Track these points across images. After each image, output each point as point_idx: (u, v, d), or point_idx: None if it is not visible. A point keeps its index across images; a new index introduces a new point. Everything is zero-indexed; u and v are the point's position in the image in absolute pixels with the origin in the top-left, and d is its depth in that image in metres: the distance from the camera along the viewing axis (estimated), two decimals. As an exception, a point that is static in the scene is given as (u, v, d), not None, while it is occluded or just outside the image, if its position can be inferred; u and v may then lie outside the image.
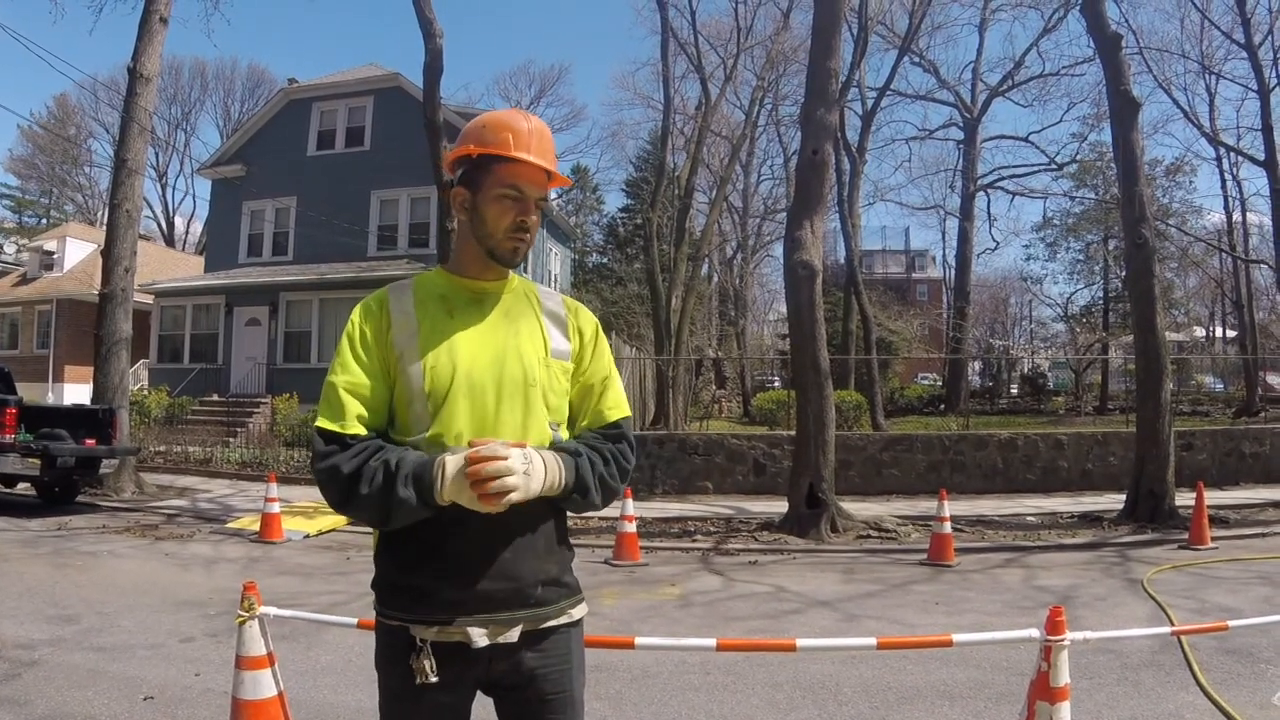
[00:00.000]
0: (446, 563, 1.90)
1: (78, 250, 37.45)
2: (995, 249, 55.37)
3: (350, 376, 1.95)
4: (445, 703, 1.94)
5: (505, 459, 1.76)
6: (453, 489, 1.79)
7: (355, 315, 2.03)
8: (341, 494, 1.88)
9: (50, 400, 29.43)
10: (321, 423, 1.93)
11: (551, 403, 2.03)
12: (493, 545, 1.91)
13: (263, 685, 3.70)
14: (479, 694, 2.03)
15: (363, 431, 1.92)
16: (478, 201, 2.02)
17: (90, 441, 13.43)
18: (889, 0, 32.73)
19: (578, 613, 2.10)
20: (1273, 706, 4.97)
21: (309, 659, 5.78)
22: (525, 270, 32.12)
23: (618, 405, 2.17)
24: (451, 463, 1.80)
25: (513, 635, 1.93)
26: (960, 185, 39.32)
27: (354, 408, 1.93)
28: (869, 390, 26.42)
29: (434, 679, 1.87)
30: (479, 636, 1.89)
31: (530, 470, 1.83)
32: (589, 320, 2.19)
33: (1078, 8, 19.99)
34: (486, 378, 1.96)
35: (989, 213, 40.99)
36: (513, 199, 2.01)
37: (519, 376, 1.98)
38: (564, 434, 2.08)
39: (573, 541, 2.17)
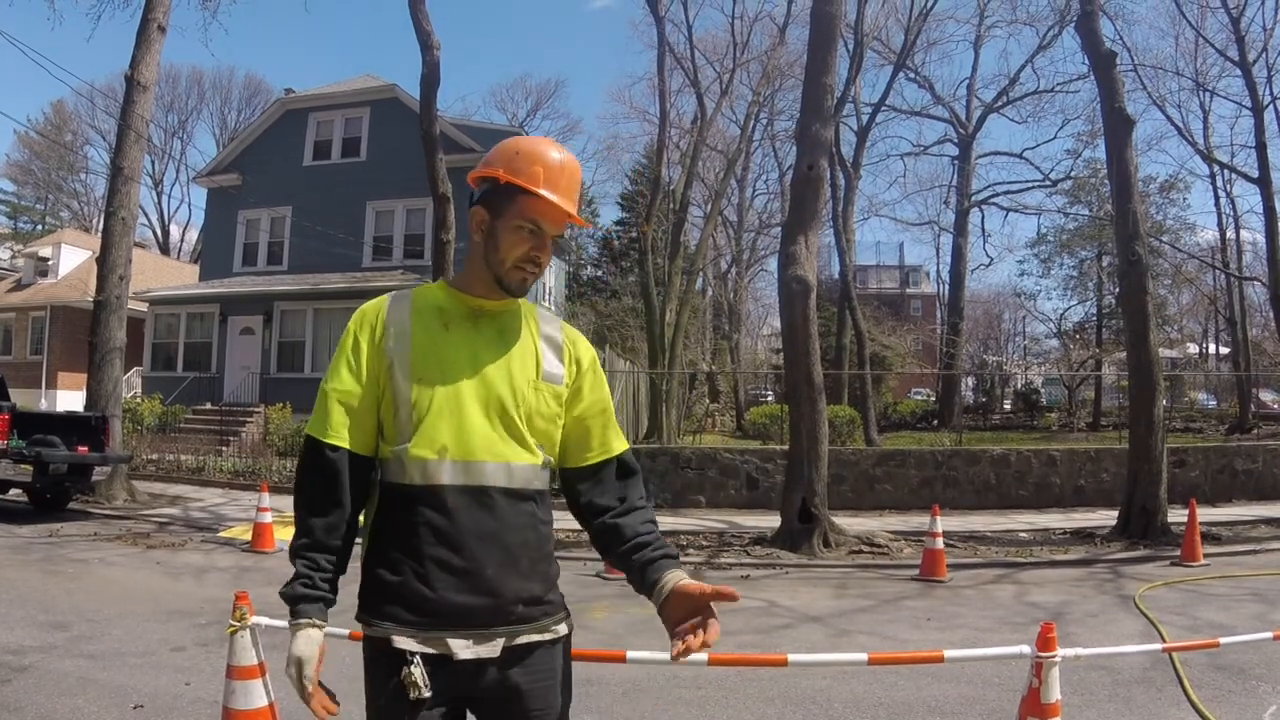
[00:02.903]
0: (429, 573, 1.89)
1: (73, 257, 37.45)
2: (989, 265, 55.68)
3: (341, 384, 1.98)
4: (426, 713, 1.92)
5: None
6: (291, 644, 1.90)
7: (352, 322, 2.04)
8: (298, 501, 2.00)
9: (43, 406, 29.31)
10: (309, 428, 1.99)
11: (538, 426, 2.02)
12: (476, 560, 1.90)
13: (254, 695, 3.70)
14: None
15: (343, 442, 1.95)
16: (495, 227, 2.03)
17: (83, 448, 13.38)
18: (885, 17, 32.95)
19: (562, 629, 2.08)
20: (1263, 724, 4.98)
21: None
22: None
23: (619, 435, 2.20)
24: (296, 663, 1.91)
25: (494, 649, 1.92)
26: (954, 201, 39.42)
27: (339, 417, 1.96)
28: (862, 405, 26.42)
29: (427, 693, 1.86)
30: (460, 648, 1.88)
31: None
32: (587, 349, 2.19)
33: (1072, 25, 20.11)
34: (473, 395, 1.95)
35: (983, 229, 41.26)
36: (530, 233, 2.01)
37: (508, 397, 1.98)
38: (554, 457, 2.08)
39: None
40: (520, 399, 1.99)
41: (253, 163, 29.77)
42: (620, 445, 2.19)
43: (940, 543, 10.10)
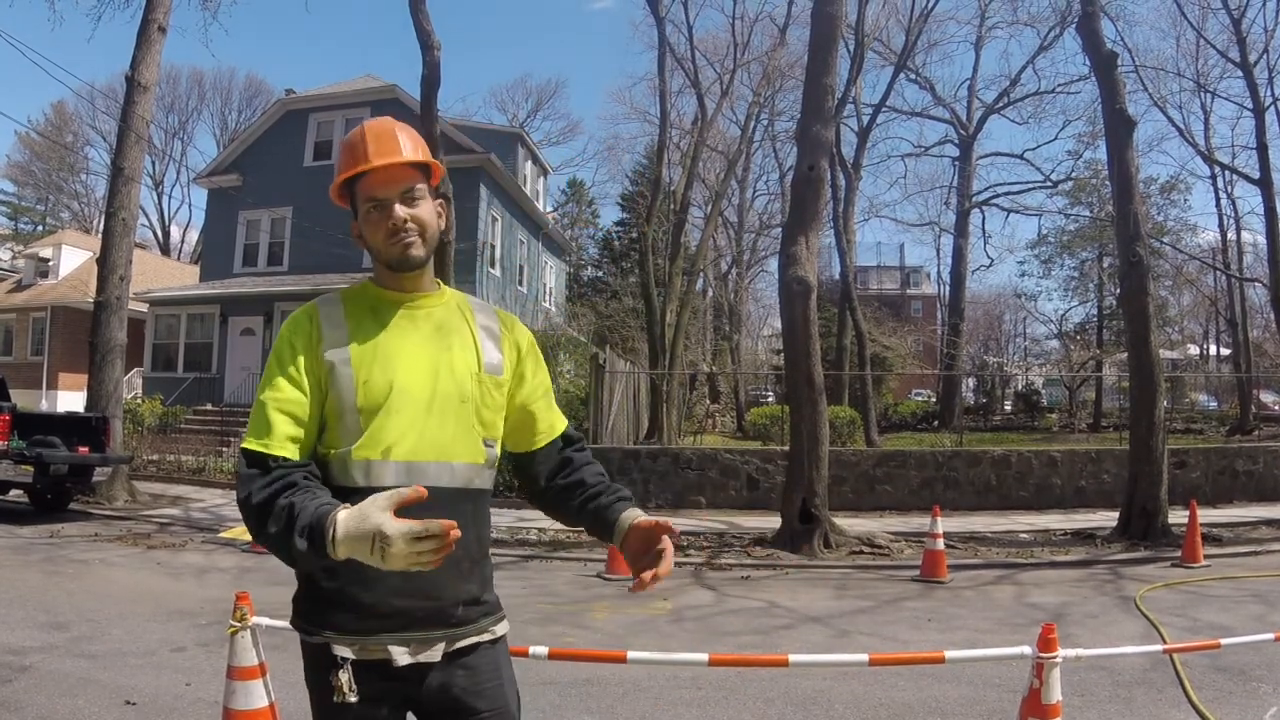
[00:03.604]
0: (367, 577, 1.78)
1: (73, 258, 37.45)
2: (990, 266, 55.33)
3: (279, 393, 1.89)
4: (371, 718, 1.90)
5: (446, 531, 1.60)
6: (350, 548, 1.65)
7: (284, 329, 1.99)
8: (254, 527, 1.81)
9: (44, 407, 29.29)
10: (246, 443, 1.87)
11: (485, 418, 2.02)
12: None
13: (254, 695, 3.70)
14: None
15: (289, 452, 1.85)
16: (360, 225, 2.04)
17: (83, 449, 13.40)
18: (886, 17, 32.97)
19: (500, 629, 2.06)
20: (1264, 725, 4.98)
21: (300, 669, 5.75)
22: (521, 283, 32.19)
23: (559, 413, 2.24)
24: (353, 518, 1.64)
25: (435, 654, 1.91)
26: (955, 202, 39.44)
27: (282, 427, 1.86)
28: (863, 406, 26.40)
29: (353, 698, 1.84)
30: (400, 655, 1.87)
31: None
32: (524, 333, 2.19)
33: (1074, 26, 20.09)
34: (419, 393, 1.93)
35: (984, 229, 41.28)
36: (375, 209, 1.99)
37: (452, 392, 1.96)
38: (498, 450, 2.07)
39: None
40: (466, 394, 1.98)
41: (253, 163, 29.77)
42: (563, 423, 2.23)
43: (941, 544, 10.10)
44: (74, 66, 38.18)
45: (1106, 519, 13.76)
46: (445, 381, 1.97)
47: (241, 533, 11.90)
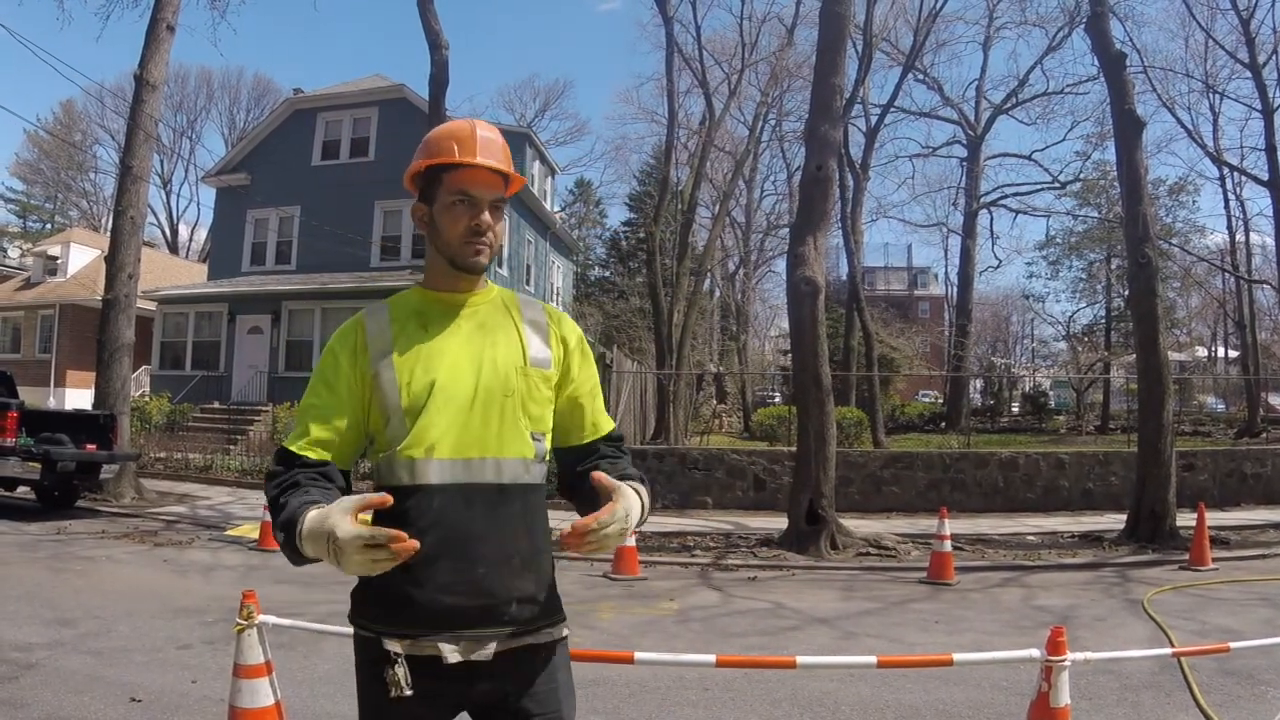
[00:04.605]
0: (418, 575, 1.83)
1: (81, 256, 37.54)
2: (997, 267, 55.27)
3: (317, 400, 1.98)
4: (421, 717, 1.89)
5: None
6: (313, 546, 1.71)
7: (333, 341, 2.03)
8: (273, 523, 1.88)
9: (51, 405, 29.38)
10: (282, 443, 1.98)
11: (533, 412, 2.01)
12: (465, 560, 1.87)
13: (260, 694, 3.70)
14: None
15: (313, 454, 1.93)
16: (434, 214, 2.03)
17: (91, 446, 13.43)
18: (894, 18, 32.89)
19: (558, 633, 2.03)
20: (1273, 729, 4.95)
21: (306, 668, 5.76)
22: (528, 283, 32.17)
23: (606, 414, 2.21)
24: (316, 518, 1.70)
25: (486, 653, 1.89)
26: (963, 203, 39.36)
27: (314, 431, 1.94)
28: (870, 407, 26.39)
29: (408, 692, 1.83)
30: (450, 652, 1.86)
31: (627, 525, 1.84)
32: (572, 329, 2.18)
33: (1082, 26, 20.05)
34: (463, 389, 1.94)
35: (991, 230, 40.97)
36: (463, 204, 1.99)
37: (496, 387, 1.96)
38: (547, 444, 2.06)
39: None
40: (509, 389, 1.98)
41: (261, 162, 29.81)
42: (608, 424, 2.20)
43: (948, 545, 10.07)
44: (83, 65, 38.24)
45: (1114, 521, 13.72)
46: (489, 376, 1.97)
47: (248, 531, 11.92)
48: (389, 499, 1.71)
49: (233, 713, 3.71)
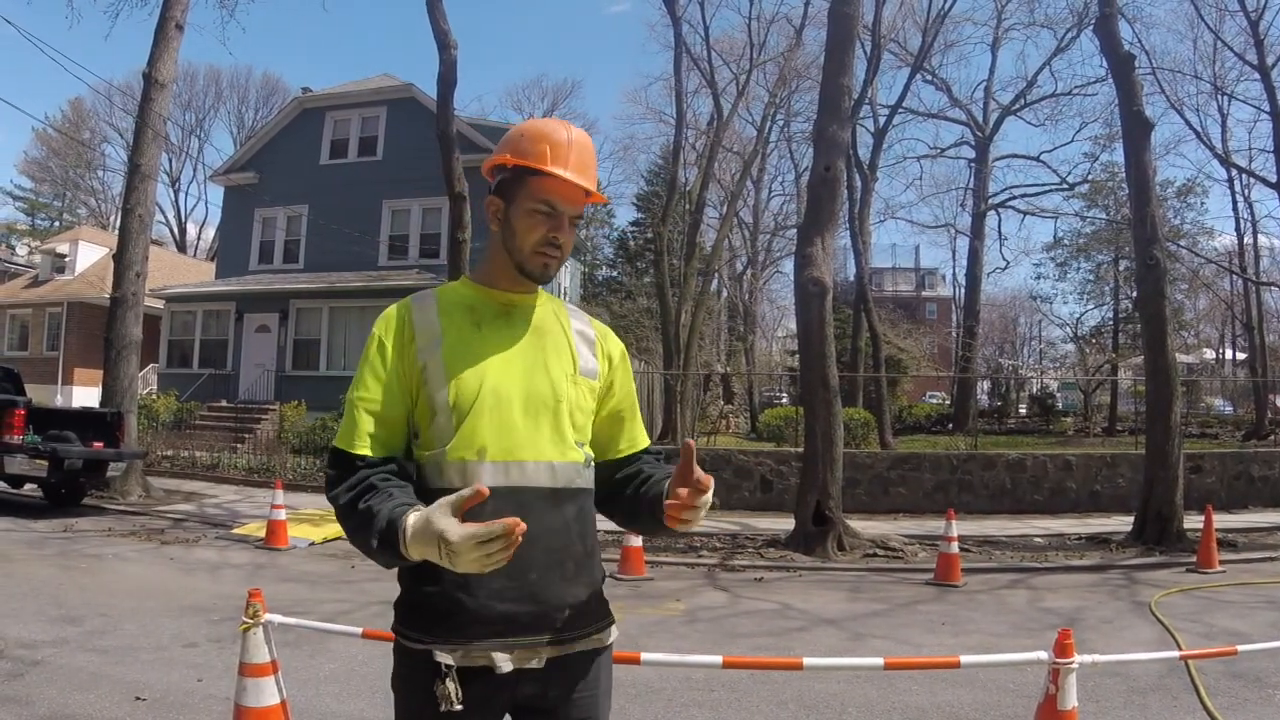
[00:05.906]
0: (469, 581, 1.79)
1: (89, 254, 37.63)
2: (1005, 268, 55.31)
3: (366, 393, 1.89)
4: None
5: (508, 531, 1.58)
6: (420, 550, 1.65)
7: (377, 328, 1.96)
8: (345, 529, 1.83)
9: (59, 402, 29.50)
10: (335, 442, 1.89)
11: (578, 421, 1.98)
12: (518, 565, 1.75)
13: (265, 692, 3.70)
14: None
15: (370, 451, 1.85)
16: (510, 214, 1.97)
17: (98, 444, 13.45)
18: (902, 18, 32.82)
19: (607, 638, 2.03)
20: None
21: (312, 667, 5.77)
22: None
23: (643, 429, 2.21)
24: (420, 522, 1.64)
25: (539, 661, 1.86)
26: (971, 204, 39.22)
27: (367, 426, 1.86)
28: (877, 408, 26.32)
29: (459, 707, 1.79)
30: (503, 662, 1.82)
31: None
32: (616, 344, 2.16)
33: (1091, 28, 20.03)
34: (513, 393, 1.90)
35: (999, 232, 40.98)
36: (545, 214, 1.94)
37: (547, 393, 1.93)
38: (590, 452, 2.03)
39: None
40: (560, 395, 1.95)
41: (269, 161, 29.86)
42: (645, 439, 2.19)
43: (955, 547, 10.05)
44: (91, 64, 38.59)
45: (1121, 523, 13.67)
46: (540, 382, 1.94)
47: (255, 529, 11.93)
48: (485, 491, 1.62)
49: (238, 711, 3.71)
